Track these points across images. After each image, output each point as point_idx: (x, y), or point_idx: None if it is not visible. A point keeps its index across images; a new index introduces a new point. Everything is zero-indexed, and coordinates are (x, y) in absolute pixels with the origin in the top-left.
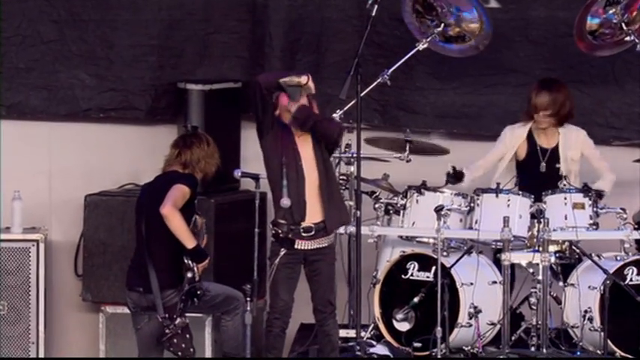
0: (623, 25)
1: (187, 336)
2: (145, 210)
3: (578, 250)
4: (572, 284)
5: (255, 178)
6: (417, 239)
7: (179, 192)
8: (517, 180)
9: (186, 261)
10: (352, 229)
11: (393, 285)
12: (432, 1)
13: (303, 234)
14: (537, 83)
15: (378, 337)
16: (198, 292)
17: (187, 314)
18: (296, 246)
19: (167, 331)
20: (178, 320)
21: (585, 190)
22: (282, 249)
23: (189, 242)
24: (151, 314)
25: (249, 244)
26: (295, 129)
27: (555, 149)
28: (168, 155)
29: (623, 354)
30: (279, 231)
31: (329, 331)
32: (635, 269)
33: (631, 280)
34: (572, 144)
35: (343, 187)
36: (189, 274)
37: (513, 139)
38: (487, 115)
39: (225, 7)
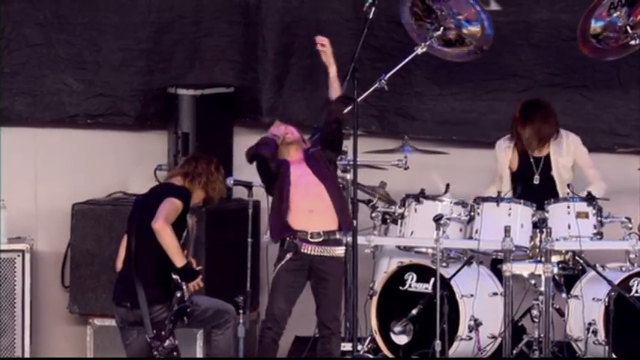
0: (628, 28)
1: (175, 354)
2: (135, 223)
3: (581, 261)
4: (576, 296)
5: (248, 186)
6: (416, 249)
7: (171, 206)
8: (514, 192)
9: (174, 277)
10: (348, 238)
11: (390, 297)
12: (432, 4)
13: (311, 239)
14: (520, 116)
15: (375, 351)
16: (188, 311)
17: (177, 328)
18: (302, 250)
19: (155, 352)
20: (167, 342)
21: (589, 198)
22: (288, 254)
23: (179, 260)
24: (139, 329)
25: (242, 254)
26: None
27: (547, 157)
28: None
29: None
30: (287, 237)
31: (331, 349)
32: None
33: (636, 291)
34: (564, 150)
35: None
36: (178, 294)
37: (502, 153)
38: (487, 121)
39: (217, 10)
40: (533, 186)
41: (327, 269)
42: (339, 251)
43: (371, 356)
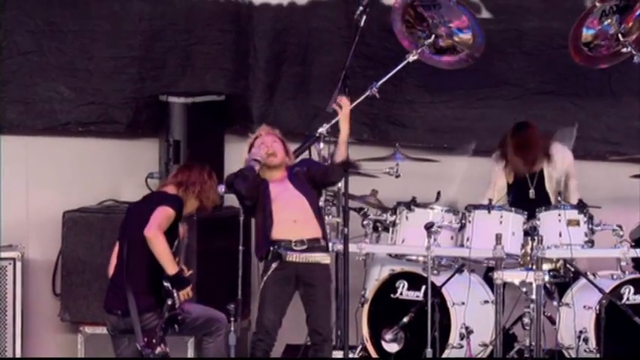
0: (620, 36)
1: None
2: (128, 230)
3: (572, 269)
4: (567, 304)
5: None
6: (407, 257)
7: (164, 214)
8: (508, 199)
9: (165, 285)
10: (340, 246)
11: (381, 304)
12: (423, 12)
13: (294, 247)
14: (508, 144)
15: (367, 359)
16: (179, 319)
17: (169, 336)
18: (287, 258)
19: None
20: (158, 350)
21: (580, 206)
22: (274, 264)
23: (171, 268)
24: (130, 337)
25: (233, 262)
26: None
27: (541, 172)
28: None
29: None
30: (271, 248)
31: (324, 356)
32: (631, 288)
33: (628, 299)
34: (558, 166)
35: (331, 204)
36: (169, 301)
37: (496, 167)
38: (479, 129)
39: (208, 17)
40: (529, 200)
41: (313, 276)
42: (324, 258)
43: None
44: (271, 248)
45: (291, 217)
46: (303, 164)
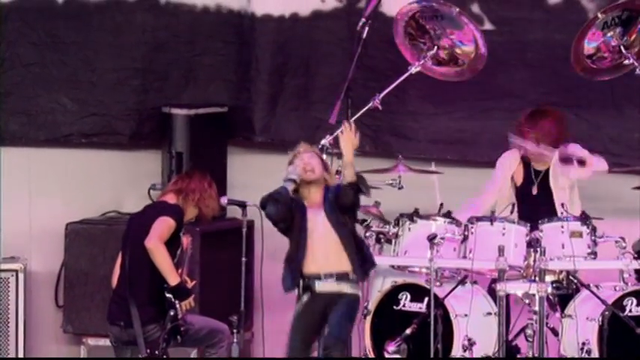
0: (622, 48)
1: None
2: (130, 241)
3: (575, 280)
4: (570, 315)
5: (242, 205)
6: (410, 269)
7: (165, 225)
8: (512, 208)
9: (168, 296)
10: None
11: (384, 316)
12: (425, 23)
13: (324, 279)
14: (528, 119)
15: None
16: (182, 329)
17: (171, 347)
18: (317, 289)
19: None
20: None
21: (583, 218)
22: (305, 295)
23: (173, 279)
24: (133, 349)
25: (236, 274)
26: None
27: (547, 171)
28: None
29: None
30: (301, 281)
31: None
32: (634, 300)
33: (630, 311)
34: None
35: None
36: (172, 312)
37: (507, 162)
38: (482, 140)
39: (211, 29)
40: (532, 197)
41: (340, 297)
42: (352, 289)
43: None
44: (302, 281)
45: (324, 253)
46: (335, 190)
